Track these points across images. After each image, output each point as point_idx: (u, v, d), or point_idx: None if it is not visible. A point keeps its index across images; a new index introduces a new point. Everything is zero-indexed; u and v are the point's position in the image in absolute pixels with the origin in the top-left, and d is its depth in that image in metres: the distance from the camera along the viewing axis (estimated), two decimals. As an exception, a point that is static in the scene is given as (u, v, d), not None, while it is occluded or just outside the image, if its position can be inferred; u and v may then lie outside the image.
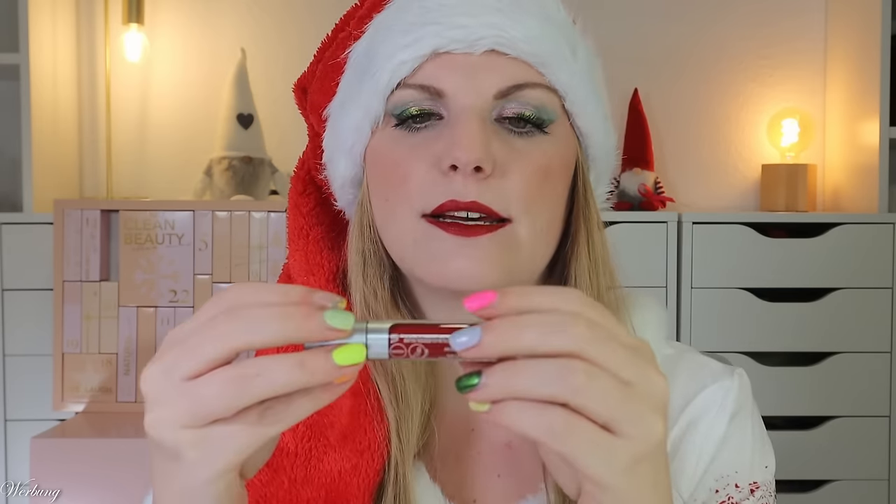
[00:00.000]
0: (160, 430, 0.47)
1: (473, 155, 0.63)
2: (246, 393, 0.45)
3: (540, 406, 0.45)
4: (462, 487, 0.72)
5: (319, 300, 0.46)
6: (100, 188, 2.36)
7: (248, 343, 0.45)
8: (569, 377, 0.44)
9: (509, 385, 0.45)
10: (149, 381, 0.47)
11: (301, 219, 0.77)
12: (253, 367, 0.45)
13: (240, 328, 0.45)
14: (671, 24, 2.39)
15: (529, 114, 0.67)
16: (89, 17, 2.34)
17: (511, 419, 0.45)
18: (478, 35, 0.66)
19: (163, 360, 0.47)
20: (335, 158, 0.74)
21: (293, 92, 0.81)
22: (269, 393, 0.45)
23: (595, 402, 0.45)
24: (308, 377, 0.45)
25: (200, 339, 0.46)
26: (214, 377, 0.45)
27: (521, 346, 0.45)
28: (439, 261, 0.65)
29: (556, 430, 0.45)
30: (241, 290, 0.47)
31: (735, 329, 2.04)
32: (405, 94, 0.68)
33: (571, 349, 0.45)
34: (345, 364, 0.46)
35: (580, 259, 0.71)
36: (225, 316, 0.46)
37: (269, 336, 0.45)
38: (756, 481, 0.74)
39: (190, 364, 0.46)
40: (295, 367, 0.45)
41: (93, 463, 1.74)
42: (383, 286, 0.72)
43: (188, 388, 0.46)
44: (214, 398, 0.45)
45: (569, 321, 0.45)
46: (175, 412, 0.46)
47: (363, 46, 0.72)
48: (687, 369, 0.77)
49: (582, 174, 0.72)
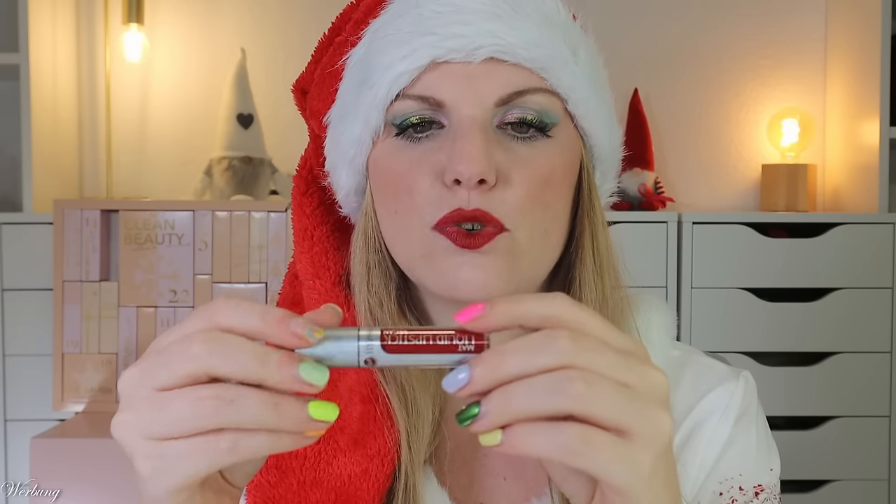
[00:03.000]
0: (123, 433, 0.47)
1: (476, 168, 0.63)
2: (214, 416, 0.45)
3: (550, 425, 0.44)
4: (469, 491, 0.73)
5: (295, 327, 0.45)
6: (100, 188, 2.36)
7: (221, 373, 0.45)
8: (566, 386, 0.44)
9: (509, 407, 0.44)
10: (124, 382, 0.47)
11: (305, 219, 0.77)
12: (228, 394, 0.45)
13: (215, 356, 0.45)
14: (671, 24, 2.39)
15: (532, 118, 0.67)
16: (89, 17, 2.34)
17: (524, 445, 0.44)
18: (476, 44, 0.65)
19: (142, 365, 0.47)
20: (337, 168, 0.73)
21: (292, 93, 0.81)
22: (236, 423, 0.45)
23: (601, 407, 0.44)
24: (278, 421, 0.45)
25: (176, 356, 0.46)
26: (187, 394, 0.45)
27: (510, 370, 0.44)
28: (448, 271, 0.65)
29: (572, 447, 0.44)
30: (223, 308, 0.46)
31: (735, 329, 2.04)
32: (405, 106, 0.67)
33: (561, 362, 0.44)
34: (318, 419, 0.45)
35: (584, 261, 0.71)
36: (203, 337, 0.45)
37: (243, 373, 0.45)
38: (760, 484, 0.74)
39: (163, 376, 0.46)
40: (269, 407, 0.45)
41: (93, 463, 1.74)
42: (389, 296, 0.72)
43: (158, 398, 0.46)
44: (181, 414, 0.45)
45: (551, 337, 0.45)
46: (140, 419, 0.46)
47: (360, 54, 0.71)
48: (692, 372, 0.76)
49: (587, 175, 0.72)
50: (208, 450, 0.45)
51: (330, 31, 0.78)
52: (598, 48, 0.74)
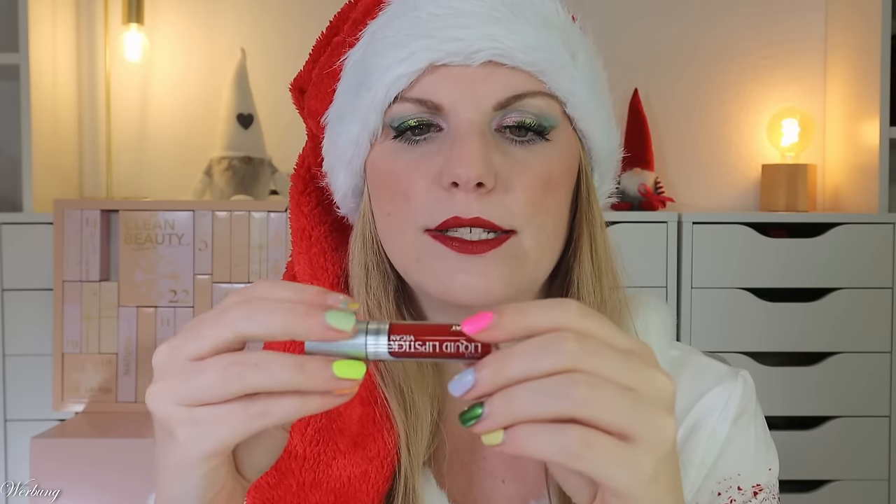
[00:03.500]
0: (157, 402, 0.48)
1: (474, 171, 0.62)
2: (240, 380, 0.46)
3: (551, 427, 0.44)
4: (468, 493, 0.73)
5: (331, 300, 0.47)
6: (100, 188, 2.36)
7: (248, 331, 0.46)
8: (569, 389, 0.44)
9: (511, 408, 0.44)
10: (158, 355, 0.49)
11: (303, 219, 0.76)
12: (253, 358, 0.46)
13: (245, 317, 0.46)
14: (671, 24, 2.39)
15: (530, 122, 0.66)
16: (89, 17, 2.34)
17: (525, 446, 0.44)
18: (475, 47, 0.65)
19: (176, 339, 0.48)
20: (335, 169, 0.73)
21: (290, 92, 0.80)
22: (263, 386, 0.46)
23: (604, 411, 0.44)
24: (305, 381, 0.46)
25: (209, 323, 0.47)
26: (215, 361, 0.46)
27: (515, 373, 0.45)
28: (444, 276, 0.65)
29: (572, 449, 0.44)
30: (259, 284, 0.48)
31: (735, 329, 2.04)
32: (403, 108, 0.67)
33: (566, 365, 0.44)
34: (343, 377, 0.46)
35: (583, 263, 0.71)
36: (236, 304, 0.47)
37: (270, 328, 0.46)
38: (759, 483, 0.74)
39: (195, 344, 0.47)
40: (294, 368, 0.45)
41: (93, 463, 1.74)
42: (387, 297, 0.71)
43: (190, 367, 0.47)
44: (210, 380, 0.46)
45: (557, 339, 0.45)
46: (172, 388, 0.47)
47: (358, 55, 0.71)
48: (691, 372, 0.76)
49: (585, 178, 0.72)
50: (241, 414, 0.46)
51: (328, 30, 0.77)
52: (597, 49, 0.74)
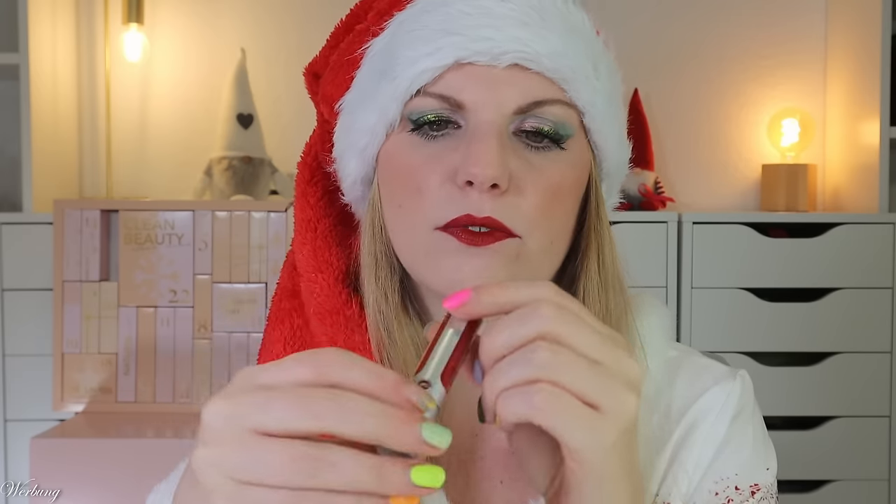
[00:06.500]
0: (205, 470, 0.45)
1: (490, 172, 0.63)
2: (311, 477, 0.42)
3: (523, 388, 0.48)
4: (465, 493, 0.72)
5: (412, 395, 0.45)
6: (99, 188, 2.36)
7: (338, 431, 0.43)
8: (531, 356, 0.47)
9: (494, 385, 0.49)
10: (213, 416, 0.45)
11: (309, 210, 0.76)
12: (330, 456, 0.43)
13: (334, 413, 0.43)
14: (671, 24, 2.39)
15: (548, 129, 0.67)
16: (89, 17, 2.34)
17: (505, 412, 0.48)
18: (502, 49, 0.65)
19: (237, 401, 0.44)
20: (346, 156, 0.73)
21: (304, 76, 0.80)
22: (334, 486, 0.43)
23: (564, 375, 0.47)
24: (380, 486, 0.43)
25: (290, 405, 0.43)
26: (288, 447, 0.43)
27: (500, 345, 0.49)
28: (449, 270, 0.65)
29: (539, 404, 0.47)
30: (339, 362, 0.45)
31: (735, 329, 2.04)
32: (424, 102, 0.67)
33: (539, 331, 0.48)
34: (421, 485, 0.44)
35: (590, 275, 0.71)
36: (324, 396, 0.44)
37: (363, 433, 0.43)
38: (757, 483, 0.74)
39: (268, 422, 0.43)
40: (371, 471, 0.43)
41: (93, 463, 1.74)
42: (394, 289, 0.71)
43: (255, 442, 0.43)
44: (276, 466, 0.43)
45: (534, 308, 0.49)
46: (227, 459, 0.44)
47: (382, 45, 0.71)
48: (689, 372, 0.76)
49: (595, 189, 0.72)
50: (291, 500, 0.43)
51: (348, 17, 0.77)
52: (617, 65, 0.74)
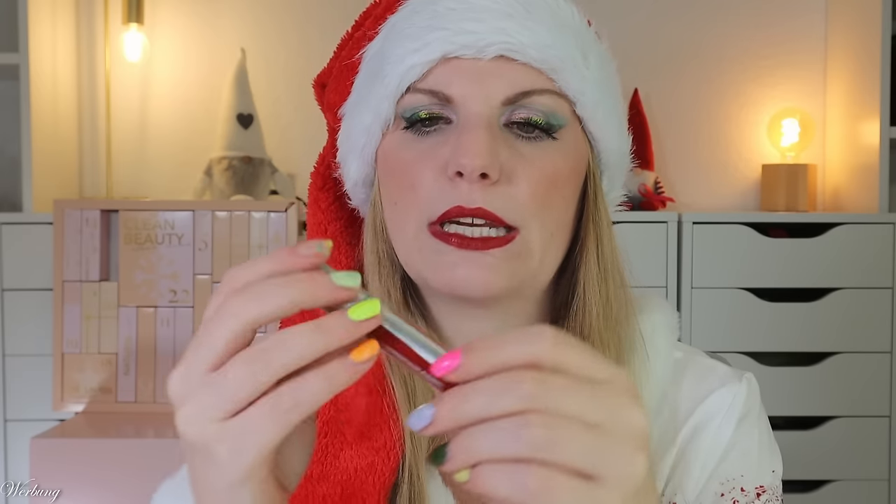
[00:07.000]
0: (189, 427, 0.46)
1: (479, 161, 0.63)
2: (269, 366, 0.44)
3: (512, 466, 0.43)
4: None
5: (306, 251, 0.46)
6: (99, 188, 2.36)
7: (257, 315, 0.45)
8: (523, 432, 0.42)
9: (472, 450, 0.43)
10: (173, 383, 0.47)
11: (320, 214, 0.78)
12: (272, 341, 0.45)
13: (247, 303, 0.45)
14: (671, 24, 2.39)
15: (538, 119, 0.67)
16: (89, 17, 2.34)
17: (486, 485, 0.43)
18: (487, 41, 0.66)
19: (185, 359, 0.47)
20: (348, 159, 0.74)
21: (313, 87, 0.81)
22: (291, 363, 0.44)
23: (562, 453, 0.42)
24: (328, 339, 0.45)
25: (212, 327, 0.46)
26: (236, 360, 0.45)
27: (473, 412, 0.43)
28: (445, 268, 0.66)
29: (532, 488, 0.42)
30: (234, 273, 0.47)
31: (735, 329, 2.04)
32: (414, 99, 0.68)
33: (521, 407, 0.43)
34: (361, 318, 0.45)
35: (589, 265, 0.71)
36: (232, 296, 0.46)
37: (278, 305, 0.45)
38: (762, 485, 0.74)
39: (209, 354, 0.45)
40: (313, 332, 0.44)
41: (93, 463, 1.74)
42: (395, 287, 0.72)
43: (211, 378, 0.45)
44: (238, 380, 0.44)
45: (515, 379, 0.43)
46: (201, 405, 0.45)
47: (376, 48, 0.72)
48: (695, 373, 0.77)
49: (593, 179, 0.72)
50: (273, 412, 0.45)
51: (352, 27, 0.79)
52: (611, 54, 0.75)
